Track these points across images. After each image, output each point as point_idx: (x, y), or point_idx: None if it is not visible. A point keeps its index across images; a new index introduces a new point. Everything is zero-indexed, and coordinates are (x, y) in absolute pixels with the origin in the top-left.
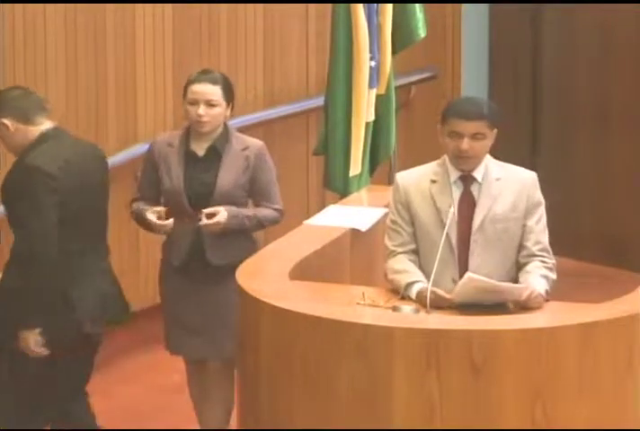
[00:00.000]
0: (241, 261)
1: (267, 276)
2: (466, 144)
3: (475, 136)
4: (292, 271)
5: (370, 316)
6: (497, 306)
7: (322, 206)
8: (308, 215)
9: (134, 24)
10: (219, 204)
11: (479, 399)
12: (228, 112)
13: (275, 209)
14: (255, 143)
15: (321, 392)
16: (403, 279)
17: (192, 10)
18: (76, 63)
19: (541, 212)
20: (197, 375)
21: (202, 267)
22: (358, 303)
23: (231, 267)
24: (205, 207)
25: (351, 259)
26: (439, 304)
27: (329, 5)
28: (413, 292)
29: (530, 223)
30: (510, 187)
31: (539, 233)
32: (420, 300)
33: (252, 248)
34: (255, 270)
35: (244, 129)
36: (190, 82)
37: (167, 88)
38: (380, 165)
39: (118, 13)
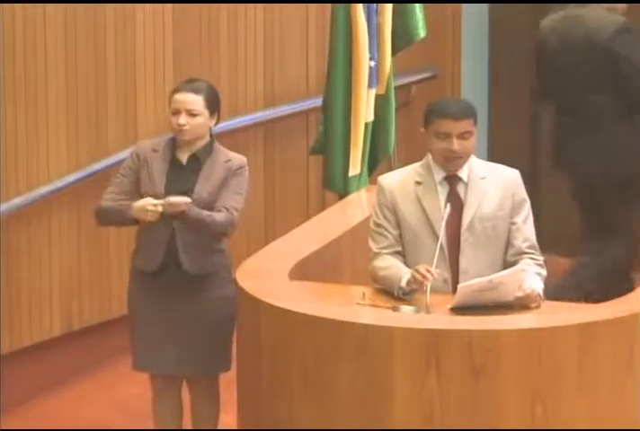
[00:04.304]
0: (213, 274)
1: (267, 276)
2: (455, 144)
3: (462, 136)
4: (292, 271)
5: (370, 316)
6: (497, 306)
7: (322, 206)
8: (308, 216)
9: (134, 24)
10: None
11: (479, 399)
12: (213, 122)
13: (226, 215)
14: (239, 157)
15: (321, 392)
16: (396, 273)
17: (192, 10)
18: (76, 63)
19: (527, 209)
20: (166, 390)
21: (175, 276)
22: (358, 303)
23: (203, 278)
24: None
25: (351, 259)
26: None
27: (329, 5)
28: (404, 280)
29: (518, 220)
30: (495, 185)
31: (527, 230)
32: (414, 279)
33: (223, 262)
34: (255, 270)
35: (244, 129)
36: (174, 90)
37: (167, 88)
38: (380, 165)
39: (118, 13)
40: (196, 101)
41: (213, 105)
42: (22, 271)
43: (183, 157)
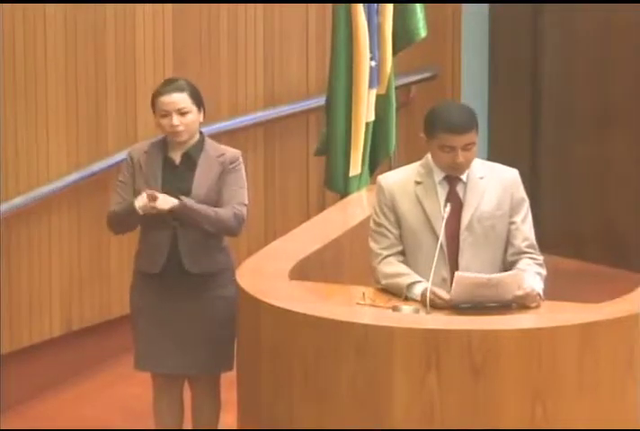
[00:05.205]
0: (215, 273)
1: (267, 276)
2: (460, 157)
3: (466, 147)
4: (292, 271)
5: (370, 316)
6: (497, 306)
7: (322, 206)
8: (308, 216)
9: (134, 24)
10: None
11: (479, 399)
12: (201, 117)
13: (234, 212)
14: (232, 151)
15: (321, 392)
16: (402, 281)
17: (192, 10)
18: (76, 63)
19: (526, 209)
20: (168, 389)
21: (178, 276)
22: (358, 303)
23: (205, 278)
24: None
25: (351, 259)
26: (439, 305)
27: (329, 5)
28: (416, 292)
29: (517, 220)
30: (493, 185)
31: (526, 229)
32: (424, 300)
33: (226, 261)
34: (255, 270)
35: (244, 129)
36: (157, 94)
37: None
38: (380, 165)
39: (118, 13)
40: (183, 99)
41: (198, 100)
42: (22, 271)
43: (176, 156)
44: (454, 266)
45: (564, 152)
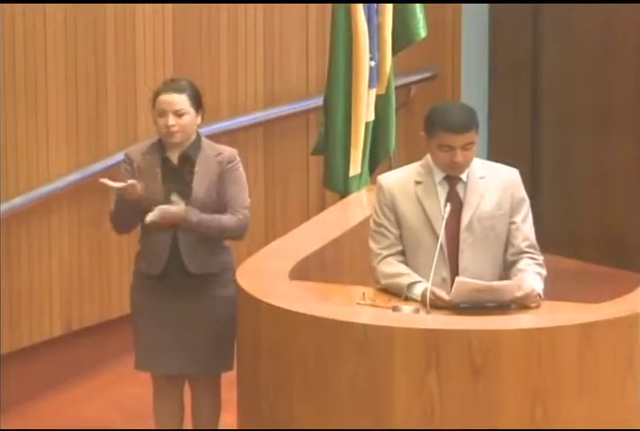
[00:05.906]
0: (216, 273)
1: (267, 276)
2: (459, 156)
3: (465, 147)
4: (292, 271)
5: (370, 316)
6: (497, 306)
7: (322, 206)
8: (308, 216)
9: (134, 24)
10: None
11: (479, 399)
12: (199, 120)
13: (238, 218)
14: (229, 150)
15: (321, 392)
16: (402, 281)
17: (192, 10)
18: (76, 63)
19: (526, 209)
20: (168, 389)
21: (179, 277)
22: (358, 303)
23: (207, 278)
24: None
25: (351, 259)
26: (438, 305)
27: (329, 5)
28: (416, 292)
29: (517, 220)
30: (494, 185)
31: (526, 229)
32: (424, 300)
33: (227, 261)
34: (255, 270)
35: (244, 129)
36: (157, 93)
37: None
38: (380, 165)
39: (118, 13)
40: (181, 100)
41: (197, 102)
42: (22, 271)
43: (174, 157)
44: (454, 266)
45: (565, 152)
